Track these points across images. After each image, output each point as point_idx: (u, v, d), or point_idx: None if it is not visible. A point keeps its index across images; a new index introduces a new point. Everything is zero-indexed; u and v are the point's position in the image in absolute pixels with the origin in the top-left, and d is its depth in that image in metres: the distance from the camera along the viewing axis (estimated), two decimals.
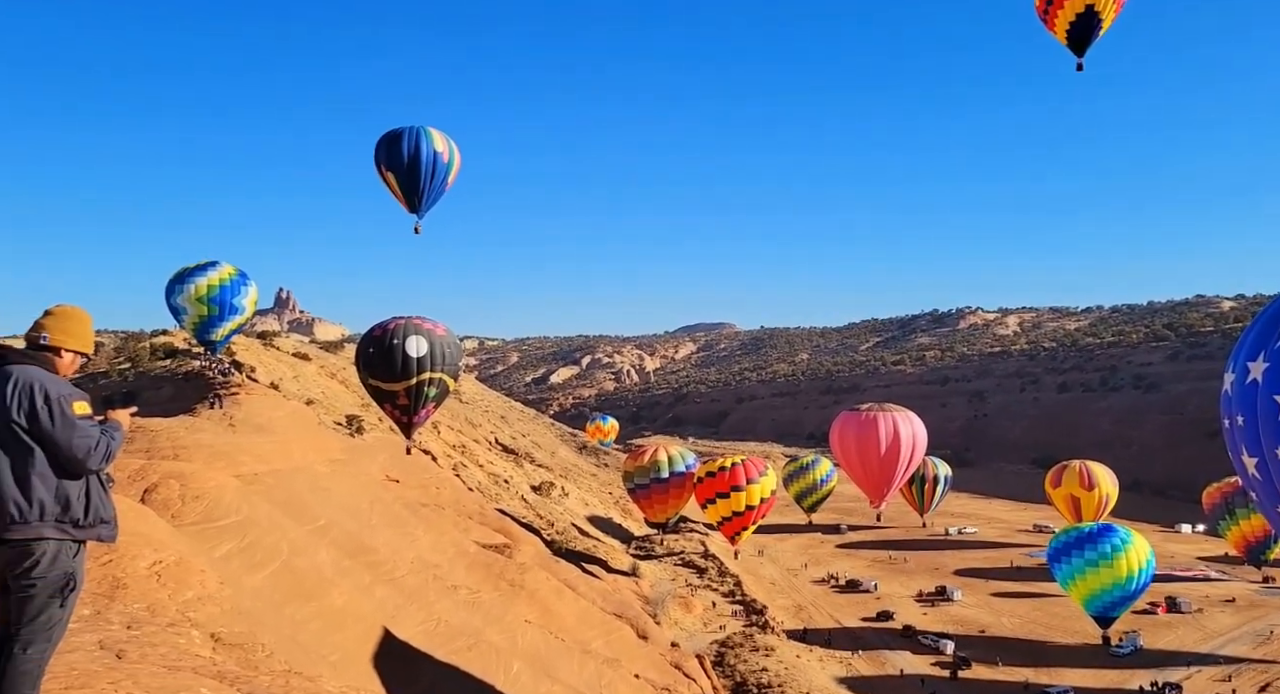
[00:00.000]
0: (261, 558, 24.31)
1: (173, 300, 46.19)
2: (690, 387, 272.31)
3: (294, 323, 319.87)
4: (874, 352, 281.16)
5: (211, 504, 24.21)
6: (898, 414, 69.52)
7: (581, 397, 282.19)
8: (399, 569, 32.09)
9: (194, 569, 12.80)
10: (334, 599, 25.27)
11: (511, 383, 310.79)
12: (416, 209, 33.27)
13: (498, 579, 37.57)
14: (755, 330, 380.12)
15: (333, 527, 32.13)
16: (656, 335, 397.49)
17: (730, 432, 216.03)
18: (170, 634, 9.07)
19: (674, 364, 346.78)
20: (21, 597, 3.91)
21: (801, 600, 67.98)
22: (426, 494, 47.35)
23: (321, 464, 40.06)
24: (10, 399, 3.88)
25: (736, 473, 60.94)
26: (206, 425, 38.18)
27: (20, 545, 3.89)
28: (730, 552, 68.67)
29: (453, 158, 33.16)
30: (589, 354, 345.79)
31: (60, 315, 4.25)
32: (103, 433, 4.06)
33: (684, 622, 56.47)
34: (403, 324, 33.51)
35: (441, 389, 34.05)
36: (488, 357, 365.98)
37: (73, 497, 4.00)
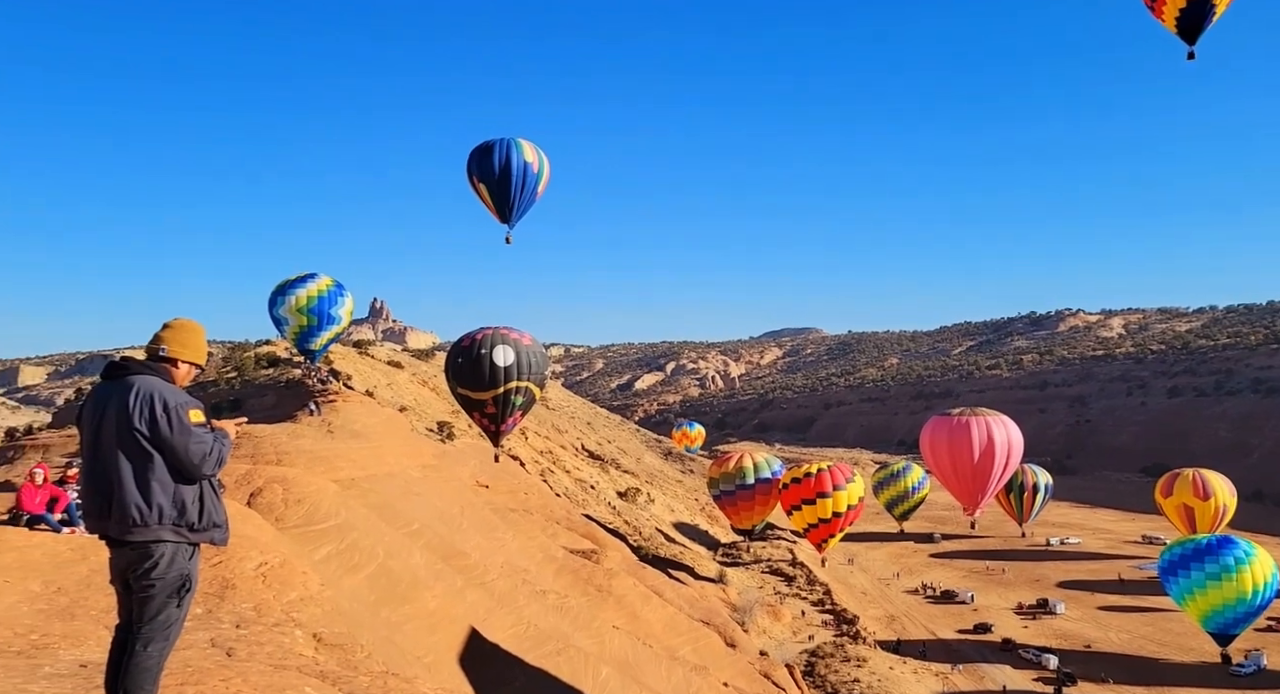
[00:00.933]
0: (359, 560, 25.05)
1: (275, 312, 48.15)
2: (776, 392, 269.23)
3: (387, 332, 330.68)
4: (967, 356, 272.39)
5: (312, 508, 25.06)
6: (991, 419, 67.10)
7: (666, 403, 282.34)
8: (489, 573, 32.62)
9: (297, 571, 13.26)
10: (428, 602, 25.83)
11: (597, 389, 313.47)
12: (508, 219, 33.89)
13: (585, 585, 37.82)
14: (842, 335, 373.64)
15: (426, 530, 32.90)
16: (741, 341, 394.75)
17: (817, 438, 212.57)
18: (276, 633, 9.40)
19: (759, 370, 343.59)
20: (142, 596, 4.13)
21: (894, 611, 66.24)
22: (515, 499, 48.12)
23: (414, 469, 41.12)
24: (133, 408, 4.10)
25: (822, 479, 59.88)
26: (307, 432, 39.66)
27: (141, 547, 4.11)
28: (819, 559, 67.45)
29: (542, 168, 33.69)
30: (673, 360, 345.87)
31: (177, 328, 4.48)
32: (215, 440, 4.26)
33: (772, 630, 55.72)
34: (490, 334, 34.15)
35: (528, 398, 34.56)
36: (573, 363, 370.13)
37: (188, 501, 4.20)
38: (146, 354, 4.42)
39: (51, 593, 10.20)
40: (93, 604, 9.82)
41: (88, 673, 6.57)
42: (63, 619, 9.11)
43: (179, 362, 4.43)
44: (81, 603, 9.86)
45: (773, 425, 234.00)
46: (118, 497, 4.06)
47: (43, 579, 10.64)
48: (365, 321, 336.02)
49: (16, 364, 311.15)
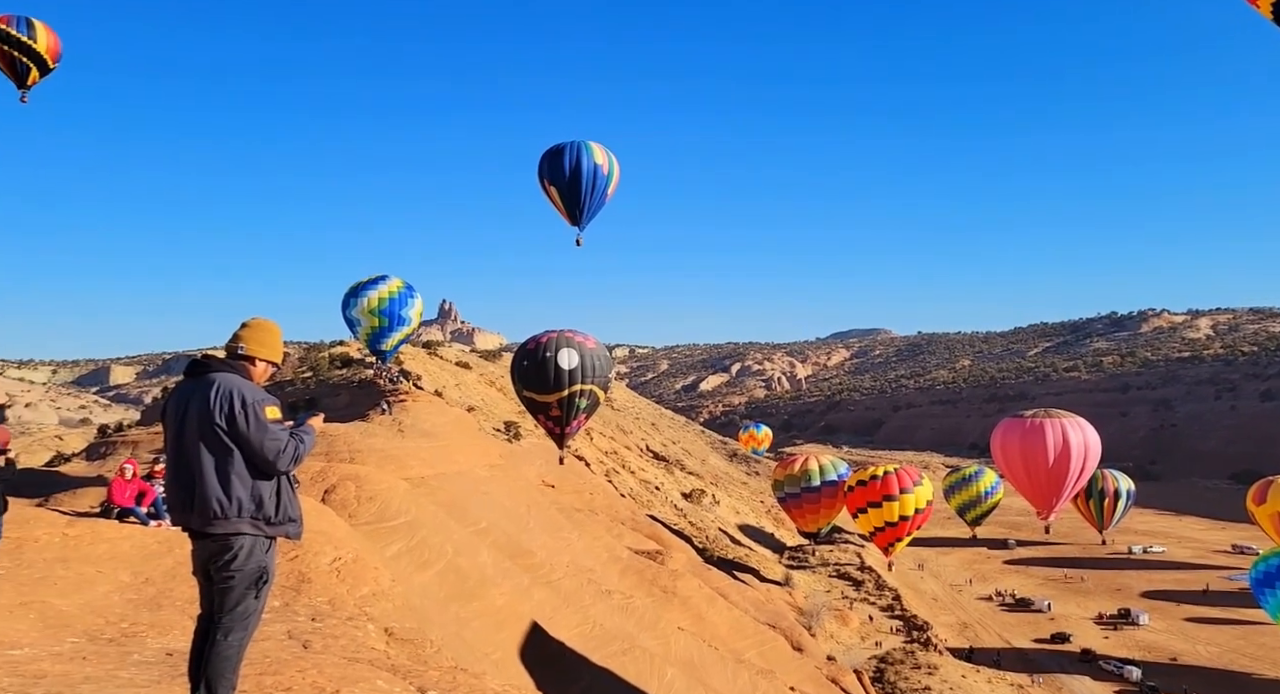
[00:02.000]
0: (428, 557, 25.47)
1: (347, 313, 49.31)
2: (843, 394, 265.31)
3: (456, 333, 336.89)
4: (1043, 357, 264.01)
5: (383, 505, 25.59)
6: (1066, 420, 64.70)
7: (731, 404, 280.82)
8: (555, 572, 32.88)
9: (369, 566, 13.55)
10: (495, 599, 26.15)
11: (661, 390, 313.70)
12: (578, 221, 34.13)
13: (650, 585, 37.83)
14: (912, 336, 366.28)
15: (493, 529, 33.34)
16: (808, 342, 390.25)
17: (886, 441, 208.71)
18: (349, 627, 9.62)
19: (826, 371, 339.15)
20: (222, 587, 4.26)
21: (966, 618, 64.59)
22: (580, 499, 48.44)
23: (482, 468, 41.71)
24: (213, 404, 4.24)
25: (889, 482, 58.67)
26: (378, 431, 40.59)
27: (221, 539, 4.24)
28: (886, 563, 66.19)
29: (612, 170, 33.85)
30: (739, 361, 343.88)
31: (255, 327, 4.62)
32: (291, 437, 4.38)
33: (840, 635, 54.88)
34: (554, 337, 34.45)
35: (592, 401, 34.77)
36: (638, 364, 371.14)
37: (265, 496, 4.32)
38: (226, 352, 4.57)
39: (140, 583, 10.63)
40: (178, 595, 10.19)
41: (173, 661, 6.81)
42: (150, 609, 9.47)
43: (256, 360, 4.56)
44: (167, 594, 10.24)
45: (840, 428, 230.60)
46: (199, 490, 4.20)
47: (132, 570, 11.09)
48: (434, 323, 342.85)
49: (108, 364, 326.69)
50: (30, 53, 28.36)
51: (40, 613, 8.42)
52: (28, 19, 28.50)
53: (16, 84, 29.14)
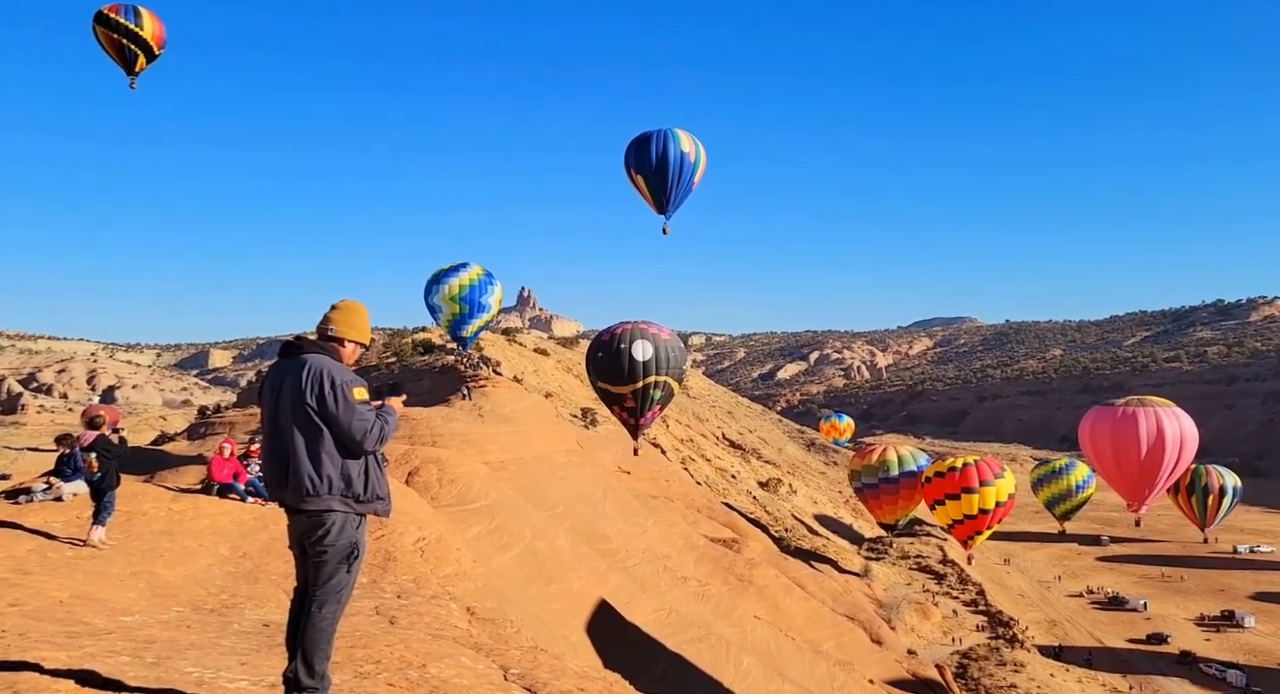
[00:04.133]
0: (507, 540, 25.92)
1: (430, 299, 50.29)
2: (926, 384, 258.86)
3: (534, 320, 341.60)
4: (1141, 347, 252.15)
5: (464, 488, 26.11)
6: (1161, 410, 61.52)
7: (809, 393, 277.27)
8: (631, 558, 33.10)
9: (452, 547, 13.86)
10: (572, 583, 26.47)
11: (738, 379, 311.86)
12: (664, 210, 34.03)
13: (726, 573, 37.74)
14: (999, 324, 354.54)
15: (570, 514, 33.74)
16: (889, 330, 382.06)
17: (970, 432, 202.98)
18: (433, 605, 9.85)
19: (908, 360, 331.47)
20: (316, 561, 4.40)
21: (1055, 615, 62.48)
22: (656, 486, 48.61)
23: (559, 454, 42.22)
24: (305, 384, 4.36)
25: (968, 473, 56.92)
26: (459, 415, 41.48)
27: (315, 516, 4.37)
28: (967, 557, 64.46)
29: (699, 158, 33.60)
30: (817, 350, 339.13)
31: (344, 309, 4.74)
32: (377, 417, 4.48)
33: (921, 629, 53.78)
34: (629, 329, 34.50)
35: (666, 392, 34.74)
36: (715, 352, 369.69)
37: (354, 474, 4.43)
38: (317, 334, 4.69)
39: (238, 557, 11.11)
40: (273, 569, 10.62)
41: (270, 632, 7.09)
42: (248, 582, 9.89)
43: (346, 341, 4.67)
44: (263, 568, 10.68)
45: (922, 418, 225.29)
46: (293, 467, 4.34)
47: (230, 544, 11.61)
48: (513, 310, 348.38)
49: (207, 348, 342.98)
50: (137, 40, 29.67)
51: (149, 582, 8.88)
52: (134, 7, 29.80)
53: (126, 71, 30.52)
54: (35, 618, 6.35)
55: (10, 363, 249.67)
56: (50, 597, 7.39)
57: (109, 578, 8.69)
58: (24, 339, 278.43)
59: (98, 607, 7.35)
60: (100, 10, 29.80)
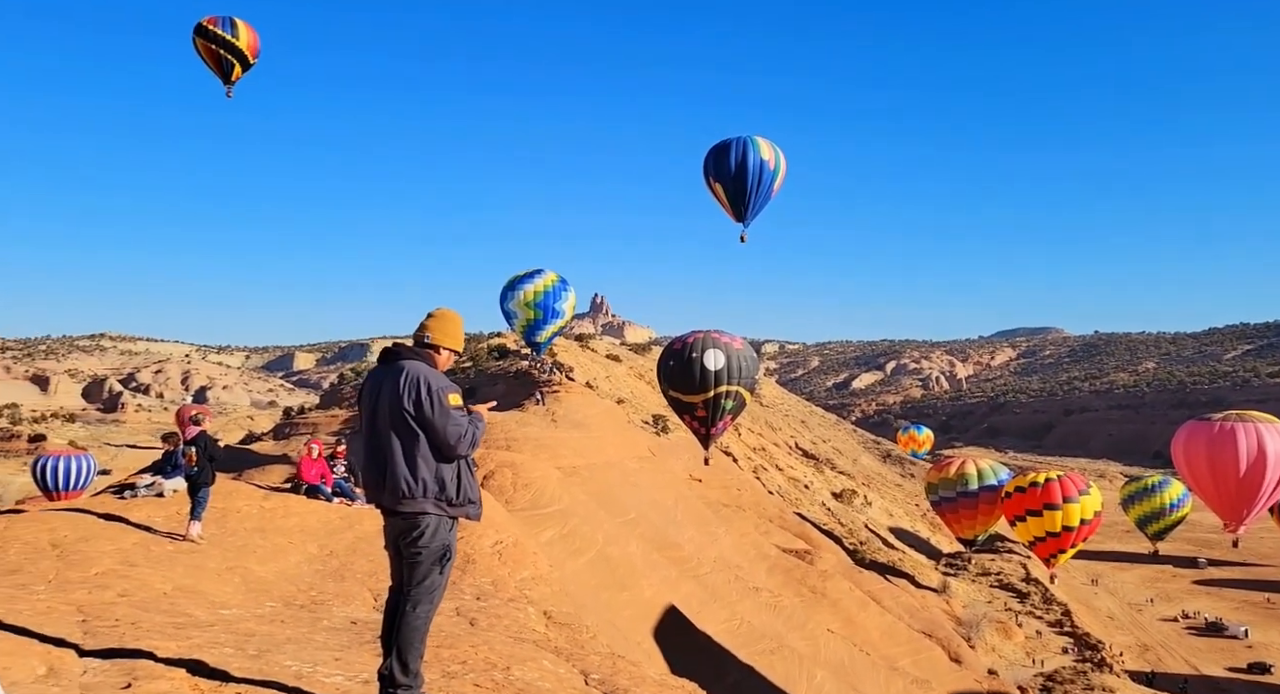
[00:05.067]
0: (579, 545, 26.10)
1: (505, 305, 50.99)
2: (1009, 396, 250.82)
3: (607, 326, 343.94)
4: (1242, 361, 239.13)
5: (538, 492, 26.41)
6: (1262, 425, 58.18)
7: (885, 404, 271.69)
8: (702, 567, 32.96)
9: (528, 551, 14.04)
10: (644, 590, 26.50)
11: (812, 387, 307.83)
12: (742, 218, 33.87)
13: (799, 585, 37.24)
14: (1087, 336, 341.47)
15: (641, 520, 33.81)
16: (970, 340, 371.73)
17: (1055, 446, 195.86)
18: (511, 608, 9.99)
19: (989, 371, 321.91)
20: (411, 562, 4.53)
21: (1147, 640, 59.67)
22: (728, 495, 48.30)
23: (631, 460, 42.36)
24: (402, 389, 4.50)
25: (1051, 489, 54.70)
26: (532, 420, 42.03)
27: (410, 518, 4.51)
28: (1049, 575, 62.06)
29: (778, 166, 33.33)
30: (894, 359, 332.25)
31: (440, 317, 4.88)
32: (470, 423, 4.59)
33: (1003, 649, 52.03)
34: (701, 338, 34.37)
35: (738, 402, 34.47)
36: (788, 361, 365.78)
37: (447, 478, 4.55)
38: (413, 341, 4.84)
39: (325, 555, 11.47)
40: (358, 568, 10.93)
41: (357, 629, 7.30)
42: (334, 579, 10.20)
43: (441, 348, 4.81)
44: (349, 566, 11.00)
45: (1004, 431, 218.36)
46: (390, 471, 4.47)
47: (318, 543, 11.99)
48: (586, 316, 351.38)
49: (292, 351, 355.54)
50: (234, 50, 31.05)
51: (243, 577, 9.26)
52: (231, 18, 31.21)
53: (222, 80, 31.94)
54: (143, 608, 6.68)
55: (112, 363, 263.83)
56: (155, 588, 7.76)
57: (207, 572, 9.08)
58: (125, 341, 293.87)
59: (198, 599, 7.69)
60: (200, 23, 31.24)
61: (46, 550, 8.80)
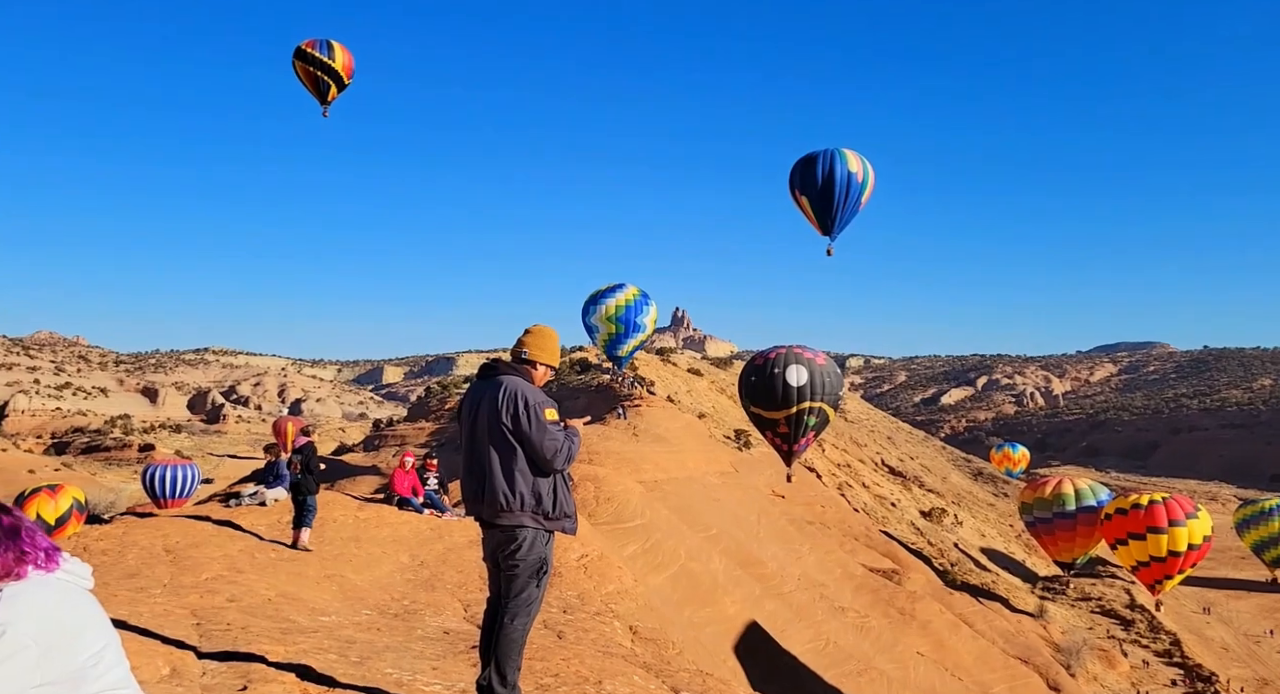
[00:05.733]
0: (662, 560, 26.05)
1: (587, 319, 51.47)
2: (1109, 413, 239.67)
3: (688, 340, 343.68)
4: None
5: (620, 506, 26.50)
6: None
7: (976, 420, 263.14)
8: (786, 584, 32.47)
9: (613, 565, 14.10)
10: (726, 607, 26.25)
11: (899, 403, 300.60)
12: (829, 231, 33.50)
13: (886, 606, 36.26)
14: (1196, 351, 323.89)
15: (723, 536, 33.53)
16: (1066, 355, 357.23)
17: (1161, 467, 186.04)
18: (597, 622, 10.03)
19: (1088, 387, 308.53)
20: (508, 575, 4.61)
21: (1266, 673, 55.92)
22: (811, 512, 47.47)
23: (713, 475, 42.15)
24: (501, 404, 4.59)
25: (1155, 512, 51.65)
26: (614, 434, 42.27)
27: (508, 531, 4.59)
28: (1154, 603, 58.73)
29: (867, 178, 32.86)
30: (985, 374, 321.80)
31: (536, 333, 4.97)
32: (566, 437, 4.65)
33: (1105, 679, 49.53)
34: (783, 353, 33.98)
35: (821, 419, 33.91)
36: (874, 375, 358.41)
37: (544, 492, 4.61)
38: (511, 356, 4.94)
39: (416, 565, 11.76)
40: (448, 579, 11.16)
41: (450, 639, 7.44)
42: (426, 589, 10.44)
43: (538, 364, 4.90)
44: (440, 577, 11.24)
45: (1104, 450, 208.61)
46: (489, 484, 4.57)
47: (410, 553, 12.31)
48: (668, 330, 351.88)
49: (381, 364, 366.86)
50: (330, 71, 32.46)
51: (340, 585, 9.56)
52: (328, 41, 32.66)
53: (319, 101, 33.39)
54: (251, 613, 6.97)
55: (215, 376, 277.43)
56: (260, 594, 8.09)
57: (307, 579, 9.42)
58: (227, 355, 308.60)
59: (300, 606, 7.97)
60: (299, 46, 32.77)
61: (161, 556, 9.28)
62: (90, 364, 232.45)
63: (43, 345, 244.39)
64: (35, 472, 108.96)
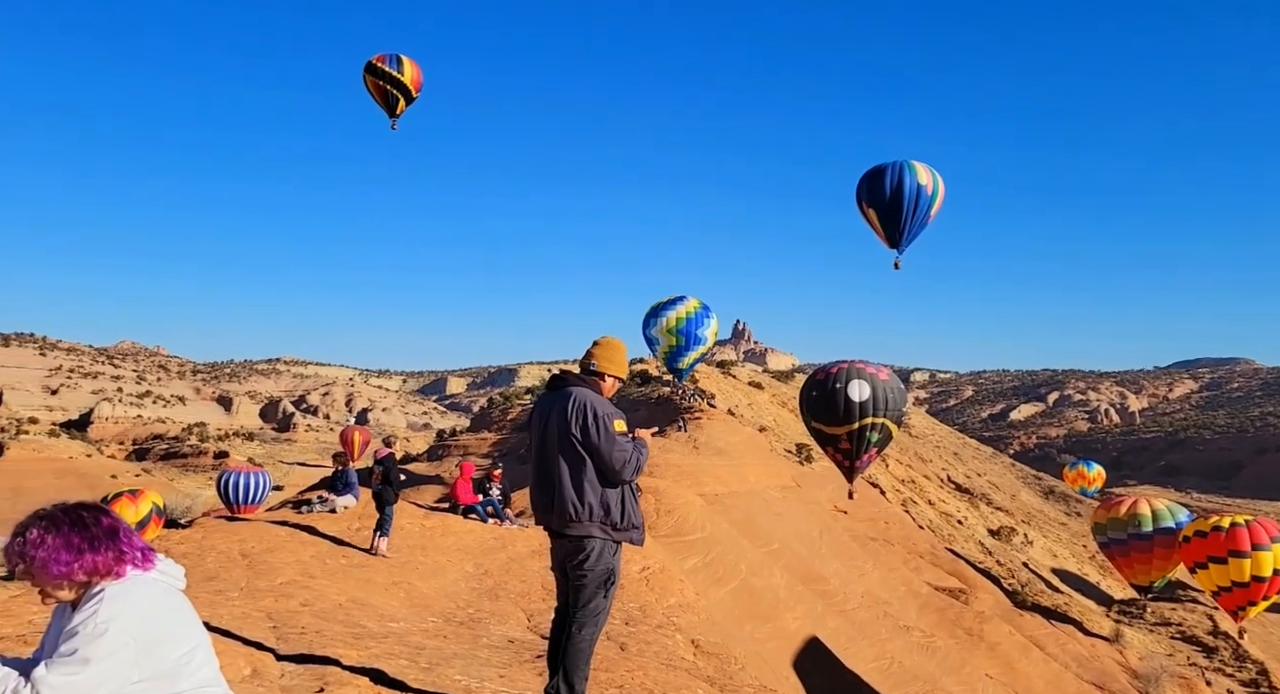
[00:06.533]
0: (722, 574, 25.85)
1: (648, 332, 51.51)
2: (1190, 431, 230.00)
3: (749, 353, 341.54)
4: None
5: (680, 519, 26.43)
6: None
7: (1047, 437, 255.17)
8: (849, 602, 31.90)
9: (674, 577, 14.06)
10: (788, 623, 25.90)
11: (965, 418, 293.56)
12: (897, 244, 33.05)
13: (953, 626, 35.32)
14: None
15: (785, 551, 33.12)
16: (1143, 371, 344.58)
17: (1246, 488, 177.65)
18: (659, 635, 10.01)
19: (1166, 404, 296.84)
20: (577, 585, 4.64)
21: None
22: (875, 528, 46.56)
23: (774, 489, 41.72)
24: (570, 415, 4.64)
25: (1237, 535, 49.06)
26: (675, 446, 42.19)
27: (576, 541, 4.63)
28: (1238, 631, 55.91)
29: (936, 190, 32.30)
30: (1056, 390, 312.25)
31: (605, 346, 5.02)
32: (634, 449, 4.67)
33: None
34: (845, 368, 33.43)
35: (884, 435, 33.28)
36: (939, 390, 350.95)
37: (612, 503, 4.64)
38: (580, 368, 4.99)
39: (480, 574, 11.91)
40: (511, 588, 11.27)
41: (515, 648, 7.52)
42: (490, 598, 10.57)
43: (606, 375, 4.94)
44: (503, 586, 11.36)
45: (1184, 469, 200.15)
46: (558, 494, 4.62)
47: (474, 561, 12.47)
48: (728, 343, 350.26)
49: (445, 375, 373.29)
50: (399, 85, 33.42)
51: (408, 593, 9.74)
52: (397, 55, 33.73)
53: (388, 114, 34.39)
54: (324, 618, 7.15)
55: (286, 386, 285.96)
56: (332, 599, 8.29)
57: (375, 586, 9.62)
58: (297, 365, 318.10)
59: (369, 612, 8.15)
60: (370, 61, 33.89)
61: (238, 560, 9.59)
62: (169, 373, 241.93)
63: (126, 355, 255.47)
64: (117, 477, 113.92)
